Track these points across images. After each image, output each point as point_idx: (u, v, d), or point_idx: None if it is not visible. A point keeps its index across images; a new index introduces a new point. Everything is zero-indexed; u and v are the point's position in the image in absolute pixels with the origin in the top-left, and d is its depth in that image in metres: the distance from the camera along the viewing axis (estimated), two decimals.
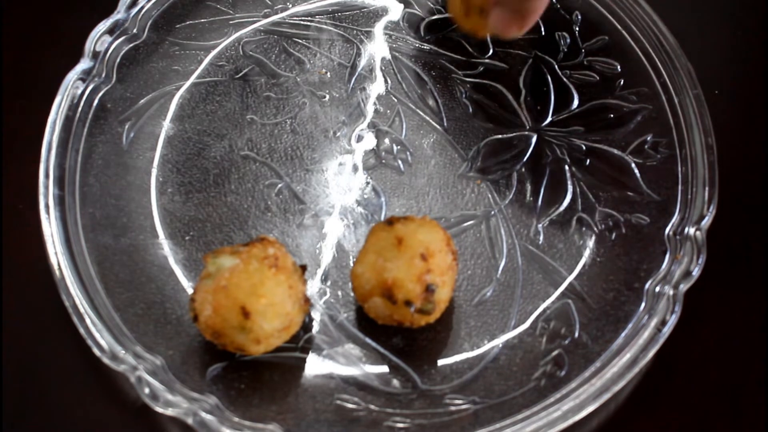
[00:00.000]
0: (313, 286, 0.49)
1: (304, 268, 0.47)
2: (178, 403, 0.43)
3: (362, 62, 0.57)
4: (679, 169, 0.52)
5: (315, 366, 0.47)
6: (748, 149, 0.56)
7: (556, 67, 0.57)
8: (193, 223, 0.51)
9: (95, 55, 0.54)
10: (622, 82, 0.56)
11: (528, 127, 0.55)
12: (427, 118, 0.55)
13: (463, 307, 0.49)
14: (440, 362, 0.47)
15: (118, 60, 0.55)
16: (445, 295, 0.45)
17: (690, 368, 0.48)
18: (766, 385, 0.48)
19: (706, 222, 0.49)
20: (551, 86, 0.57)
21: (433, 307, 0.44)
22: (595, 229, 0.51)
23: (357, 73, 0.57)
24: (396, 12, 0.59)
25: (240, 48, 0.58)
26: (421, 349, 0.47)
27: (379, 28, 0.59)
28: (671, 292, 0.47)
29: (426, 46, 0.58)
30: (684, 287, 0.47)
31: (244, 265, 0.44)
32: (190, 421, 0.43)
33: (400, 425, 0.45)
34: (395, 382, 0.46)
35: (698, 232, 0.49)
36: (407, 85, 0.57)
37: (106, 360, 0.44)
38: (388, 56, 0.58)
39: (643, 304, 0.48)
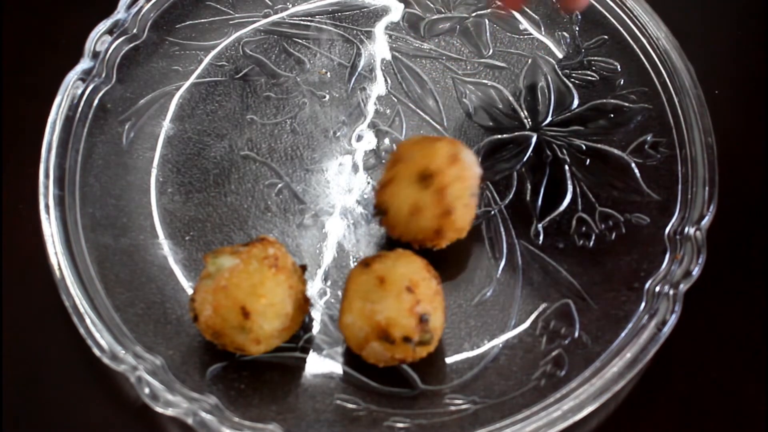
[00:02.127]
0: (313, 286, 0.49)
1: (304, 268, 0.47)
2: (178, 403, 0.43)
3: (362, 62, 0.58)
4: (679, 169, 0.52)
5: (315, 366, 0.47)
6: (748, 149, 0.56)
7: (556, 67, 0.57)
8: (193, 223, 0.51)
9: (95, 55, 0.54)
10: (622, 82, 0.56)
11: (528, 127, 0.55)
12: (427, 118, 0.55)
13: (463, 307, 0.49)
14: (440, 362, 0.47)
15: (118, 60, 0.55)
16: (438, 321, 0.44)
17: (690, 368, 0.48)
18: (766, 385, 0.48)
19: (706, 222, 0.49)
20: (551, 86, 0.57)
21: (431, 336, 0.44)
22: (595, 229, 0.51)
23: (357, 73, 0.57)
24: (396, 12, 0.60)
25: (240, 48, 0.58)
26: None
27: (379, 28, 0.59)
28: (671, 292, 0.47)
29: (426, 46, 0.58)
30: (684, 287, 0.47)
31: (244, 265, 0.44)
32: (190, 421, 0.43)
33: (400, 425, 0.45)
34: (395, 381, 0.46)
35: (698, 232, 0.49)
36: (407, 85, 0.57)
37: (106, 360, 0.44)
38: (389, 56, 0.58)
39: (643, 304, 0.48)
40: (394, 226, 0.48)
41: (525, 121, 0.56)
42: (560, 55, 0.58)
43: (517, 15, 0.59)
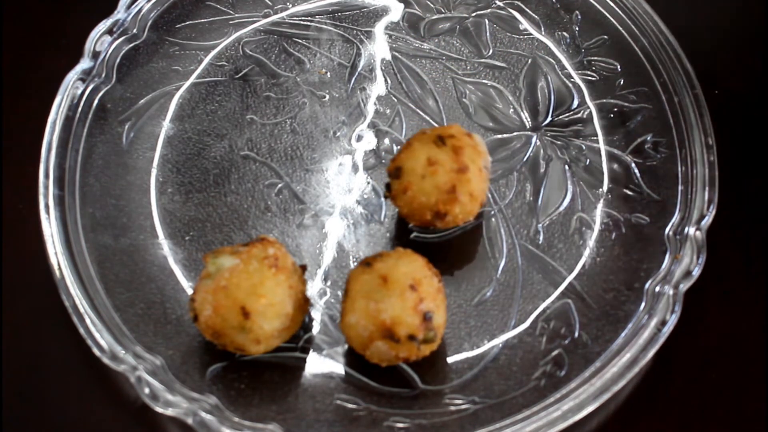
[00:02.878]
0: (313, 286, 0.49)
1: (304, 268, 0.47)
2: (178, 403, 0.43)
3: (362, 62, 0.58)
4: (679, 169, 0.52)
5: (315, 366, 0.47)
6: (748, 149, 0.56)
7: (556, 67, 0.57)
8: (193, 223, 0.51)
9: (95, 55, 0.54)
10: (622, 82, 0.56)
11: (528, 127, 0.55)
12: (427, 118, 0.55)
13: (463, 307, 0.49)
14: (440, 362, 0.47)
15: (118, 60, 0.55)
16: (441, 319, 0.44)
17: (690, 368, 0.48)
18: (766, 385, 0.48)
19: (706, 222, 0.49)
20: (551, 86, 0.57)
21: (435, 334, 0.44)
22: (595, 229, 0.51)
23: (357, 73, 0.57)
24: (396, 12, 0.60)
25: (240, 48, 0.58)
26: None
27: (379, 28, 0.59)
28: (671, 292, 0.47)
29: (426, 46, 0.58)
30: (684, 287, 0.47)
31: (244, 265, 0.43)
32: (190, 421, 0.43)
33: (400, 425, 0.45)
34: (395, 381, 0.46)
35: (698, 232, 0.49)
36: (407, 85, 0.57)
37: (106, 360, 0.44)
38: (388, 56, 0.58)
39: (643, 304, 0.48)
40: (408, 186, 0.47)
41: (525, 121, 0.56)
42: (560, 55, 0.58)
43: (517, 15, 0.59)
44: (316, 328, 0.48)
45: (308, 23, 0.59)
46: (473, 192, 0.47)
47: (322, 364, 0.47)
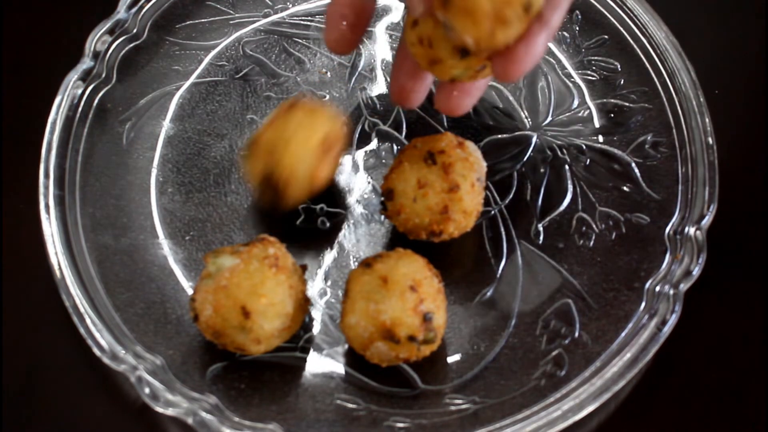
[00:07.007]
0: (313, 286, 0.49)
1: (304, 268, 0.47)
2: (178, 403, 0.43)
3: (362, 62, 0.57)
4: (679, 169, 0.52)
5: (315, 366, 0.47)
6: (748, 149, 0.56)
7: (556, 67, 0.57)
8: (193, 223, 0.51)
9: (95, 55, 0.54)
10: (622, 82, 0.56)
11: (528, 127, 0.55)
12: (427, 118, 0.55)
13: (464, 307, 0.49)
14: (440, 362, 0.47)
15: (118, 60, 0.55)
16: (441, 320, 0.44)
17: (690, 368, 0.48)
18: (766, 385, 0.48)
19: (706, 222, 0.49)
20: (551, 86, 0.57)
21: (435, 334, 0.44)
22: (595, 229, 0.51)
23: (357, 73, 0.57)
24: (396, 12, 0.59)
25: (240, 48, 0.58)
26: None
27: (379, 28, 0.59)
28: (671, 292, 0.47)
29: None
30: (684, 287, 0.47)
31: (245, 265, 0.44)
32: (190, 421, 0.43)
33: (400, 425, 0.45)
34: (395, 381, 0.46)
35: (698, 232, 0.49)
36: None
37: (106, 360, 0.44)
38: (389, 56, 0.58)
39: (643, 304, 0.48)
40: (400, 209, 0.47)
41: (525, 121, 0.56)
42: (560, 55, 0.58)
43: None
44: (316, 328, 0.48)
45: (308, 23, 0.59)
46: (466, 209, 0.47)
47: (322, 364, 0.47)
